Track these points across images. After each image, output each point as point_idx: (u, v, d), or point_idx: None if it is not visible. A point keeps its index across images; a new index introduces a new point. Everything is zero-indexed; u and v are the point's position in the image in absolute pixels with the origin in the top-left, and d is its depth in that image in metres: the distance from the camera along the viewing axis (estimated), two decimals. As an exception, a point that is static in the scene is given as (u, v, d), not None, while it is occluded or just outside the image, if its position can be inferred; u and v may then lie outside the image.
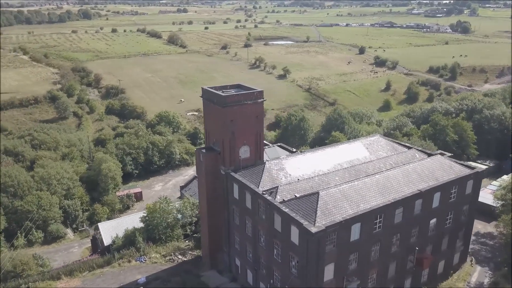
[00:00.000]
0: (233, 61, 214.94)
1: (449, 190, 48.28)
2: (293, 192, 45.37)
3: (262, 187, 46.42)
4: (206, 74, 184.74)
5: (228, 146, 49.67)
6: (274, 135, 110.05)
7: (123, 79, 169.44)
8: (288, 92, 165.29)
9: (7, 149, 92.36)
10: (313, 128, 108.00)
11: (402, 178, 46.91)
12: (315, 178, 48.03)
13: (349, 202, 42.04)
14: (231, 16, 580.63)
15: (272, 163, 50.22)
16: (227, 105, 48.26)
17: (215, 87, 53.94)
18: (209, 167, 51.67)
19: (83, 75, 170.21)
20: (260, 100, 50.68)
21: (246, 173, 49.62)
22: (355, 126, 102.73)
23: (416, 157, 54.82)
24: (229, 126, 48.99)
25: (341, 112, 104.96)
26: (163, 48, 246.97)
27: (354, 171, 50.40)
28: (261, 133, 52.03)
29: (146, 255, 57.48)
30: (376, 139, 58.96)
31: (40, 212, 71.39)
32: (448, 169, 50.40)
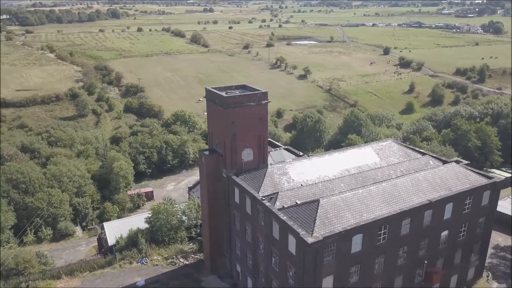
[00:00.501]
0: (254, 61, 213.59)
1: (462, 201, 45.18)
2: (294, 198, 43.39)
3: (262, 192, 44.65)
4: (226, 74, 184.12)
5: (230, 149, 48.10)
6: (289, 136, 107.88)
7: (144, 77, 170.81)
8: (308, 92, 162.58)
9: (24, 145, 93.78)
10: (329, 130, 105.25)
11: (411, 186, 44.17)
12: (319, 184, 45.86)
13: (351, 211, 39.72)
14: (257, 15, 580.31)
15: (275, 167, 48.34)
16: (229, 106, 46.68)
17: (219, 88, 52.45)
18: (211, 169, 50.25)
19: (104, 73, 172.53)
20: (264, 102, 48.84)
21: (248, 177, 47.94)
22: (373, 129, 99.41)
23: (430, 164, 51.79)
24: (231, 128, 47.41)
25: (358, 114, 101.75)
26: (185, 47, 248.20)
27: (361, 177, 47.93)
28: (265, 136, 50.17)
29: (148, 257, 56.65)
30: (388, 144, 56.15)
31: (50, 209, 71.79)
32: (463, 178, 47.22)
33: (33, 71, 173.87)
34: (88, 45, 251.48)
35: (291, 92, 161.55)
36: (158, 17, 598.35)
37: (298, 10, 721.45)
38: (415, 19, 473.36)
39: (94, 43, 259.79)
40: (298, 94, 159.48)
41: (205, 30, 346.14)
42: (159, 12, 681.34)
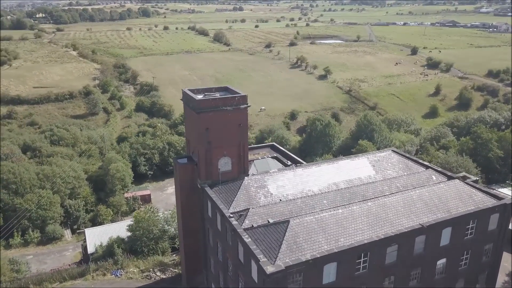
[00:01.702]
0: (274, 60, 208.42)
1: (464, 225, 39.02)
2: (267, 216, 38.57)
3: (234, 208, 40.08)
4: (243, 73, 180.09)
5: (204, 157, 43.79)
6: (298, 140, 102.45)
7: (161, 76, 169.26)
8: (327, 93, 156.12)
9: (26, 143, 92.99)
10: (340, 134, 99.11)
11: (402, 207, 38.45)
12: (298, 200, 40.84)
13: (326, 234, 34.55)
14: (286, 14, 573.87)
15: (252, 179, 43.63)
16: (201, 111, 42.35)
17: (198, 89, 48.22)
18: (185, 179, 46.10)
19: (122, 71, 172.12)
20: (243, 106, 44.21)
21: (223, 189, 43.49)
22: (386, 134, 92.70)
23: (432, 180, 45.66)
24: (205, 134, 43.10)
25: (371, 118, 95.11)
26: (207, 46, 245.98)
27: (348, 193, 42.51)
28: (245, 144, 45.56)
29: (124, 268, 53.20)
30: (386, 155, 50.25)
31: (39, 211, 69.85)
32: (467, 198, 40.97)
33: (53, 69, 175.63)
34: (112, 43, 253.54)
35: (308, 92, 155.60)
36: (188, 15, 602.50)
37: (329, 9, 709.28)
38: (450, 18, 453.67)
39: (118, 41, 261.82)
40: (316, 95, 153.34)
41: (230, 28, 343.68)
42: (189, 10, 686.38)
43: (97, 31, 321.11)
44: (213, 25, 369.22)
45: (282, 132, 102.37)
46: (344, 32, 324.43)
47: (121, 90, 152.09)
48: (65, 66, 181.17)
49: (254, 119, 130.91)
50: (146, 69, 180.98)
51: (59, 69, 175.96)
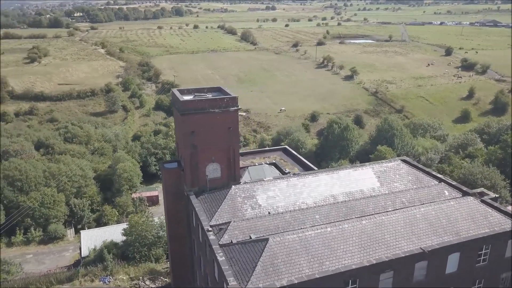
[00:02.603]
0: (300, 59, 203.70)
1: (475, 251, 33.99)
2: (250, 231, 34.96)
3: (216, 220, 36.70)
4: (267, 73, 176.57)
5: (190, 163, 40.65)
6: (314, 144, 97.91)
7: (183, 75, 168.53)
8: (351, 95, 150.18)
9: (40, 140, 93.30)
10: (359, 139, 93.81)
11: (402, 227, 33.88)
12: (287, 214, 36.99)
13: (309, 256, 30.58)
14: (319, 13, 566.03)
15: (240, 188, 40.10)
16: (186, 112, 39.21)
17: (188, 90, 45.10)
18: (171, 185, 43.11)
19: (145, 69, 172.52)
20: (232, 109, 40.78)
21: (209, 198, 40.20)
22: (408, 140, 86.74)
23: (444, 196, 40.64)
24: (190, 138, 39.94)
25: (392, 122, 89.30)
26: (233, 45, 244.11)
27: (346, 208, 38.26)
28: (236, 149, 42.09)
29: (113, 275, 50.95)
30: (395, 165, 45.40)
31: (42, 210, 69.08)
32: (481, 219, 35.82)
33: (80, 66, 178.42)
34: (140, 41, 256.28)
35: (332, 93, 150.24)
36: (220, 14, 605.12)
37: (363, 8, 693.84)
38: (491, 17, 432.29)
39: (147, 39, 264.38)
40: (340, 96, 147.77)
41: (260, 28, 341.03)
42: (222, 10, 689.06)
43: (128, 30, 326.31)
44: (243, 24, 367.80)
45: (298, 135, 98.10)
46: (376, 31, 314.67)
47: (143, 88, 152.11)
48: (92, 64, 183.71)
49: (273, 120, 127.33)
50: (170, 67, 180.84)
51: (86, 67, 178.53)
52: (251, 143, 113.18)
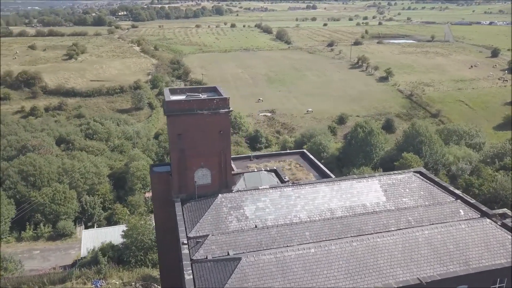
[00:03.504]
0: (334, 59, 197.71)
1: (486, 285, 29.05)
2: (229, 246, 31.73)
3: (196, 231, 33.75)
4: (298, 72, 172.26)
5: (177, 167, 37.94)
6: (337, 148, 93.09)
7: (213, 73, 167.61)
8: (384, 97, 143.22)
9: (61, 136, 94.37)
10: (385, 144, 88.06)
11: (400, 252, 29.51)
12: (273, 229, 33.46)
13: (285, 281, 26.98)
14: (361, 13, 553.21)
15: (227, 197, 36.92)
16: (173, 113, 36.46)
17: (181, 89, 42.36)
18: (160, 190, 40.52)
19: (175, 67, 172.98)
20: (223, 111, 37.49)
21: (194, 207, 37.32)
22: (438, 148, 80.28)
23: (458, 215, 35.63)
24: (177, 141, 37.20)
25: (420, 127, 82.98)
26: (267, 44, 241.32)
27: (341, 225, 34.20)
28: (227, 154, 38.94)
29: (106, 279, 49.34)
30: (406, 177, 40.60)
31: (52, 206, 69.06)
32: (497, 247, 30.73)
33: (114, 63, 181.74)
34: (176, 39, 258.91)
35: (364, 95, 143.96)
36: (260, 14, 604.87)
37: (408, 8, 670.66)
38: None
39: (182, 38, 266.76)
40: (372, 98, 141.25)
41: (297, 27, 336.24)
42: (262, 9, 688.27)
43: (167, 28, 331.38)
44: (282, 23, 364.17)
45: (320, 138, 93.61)
46: (419, 31, 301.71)
47: (171, 86, 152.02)
48: (125, 61, 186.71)
49: (298, 122, 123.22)
50: (201, 65, 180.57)
51: (119, 64, 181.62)
52: (273, 144, 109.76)
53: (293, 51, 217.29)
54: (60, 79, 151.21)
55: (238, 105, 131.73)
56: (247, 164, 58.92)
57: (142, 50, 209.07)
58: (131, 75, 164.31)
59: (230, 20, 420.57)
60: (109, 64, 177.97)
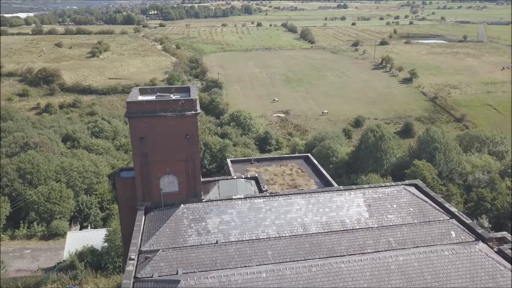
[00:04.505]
0: (358, 59, 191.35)
1: (468, 325, 24.74)
2: (180, 264, 28.67)
3: (150, 245, 30.84)
4: (318, 73, 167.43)
5: (140, 174, 35.25)
6: (347, 153, 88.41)
7: (231, 72, 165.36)
8: (406, 99, 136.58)
9: (68, 133, 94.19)
10: (397, 150, 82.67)
11: (367, 280, 25.61)
12: (232, 246, 30.15)
13: (226, 311, 23.71)
14: (394, 12, 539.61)
15: (190, 208, 33.85)
16: (133, 115, 33.79)
17: (152, 88, 39.63)
18: (126, 197, 37.98)
19: (193, 66, 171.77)
20: (189, 113, 34.45)
21: (156, 216, 34.50)
22: (453, 156, 74.40)
23: (449, 237, 31.25)
24: (139, 145, 34.49)
25: (434, 133, 77.20)
26: (289, 43, 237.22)
27: (310, 244, 30.51)
28: (196, 160, 35.89)
29: (82, 285, 47.40)
30: (395, 191, 36.29)
31: (46, 205, 68.24)
32: (485, 279, 26.28)
33: (134, 61, 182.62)
34: (199, 38, 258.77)
35: (385, 97, 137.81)
36: (289, 13, 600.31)
37: (444, 7, 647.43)
38: None
39: (206, 36, 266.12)
40: (393, 101, 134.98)
41: (324, 26, 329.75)
42: (292, 8, 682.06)
43: (193, 27, 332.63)
44: (310, 22, 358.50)
45: (329, 142, 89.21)
46: (452, 31, 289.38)
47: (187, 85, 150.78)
48: (145, 59, 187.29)
49: (312, 123, 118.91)
50: (219, 64, 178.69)
51: (139, 62, 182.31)
52: (284, 147, 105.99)
53: (315, 51, 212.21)
54: (79, 77, 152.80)
55: (251, 105, 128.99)
56: (247, 168, 55.99)
57: (164, 49, 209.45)
58: (149, 73, 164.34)
59: (259, 20, 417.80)
60: (129, 62, 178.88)
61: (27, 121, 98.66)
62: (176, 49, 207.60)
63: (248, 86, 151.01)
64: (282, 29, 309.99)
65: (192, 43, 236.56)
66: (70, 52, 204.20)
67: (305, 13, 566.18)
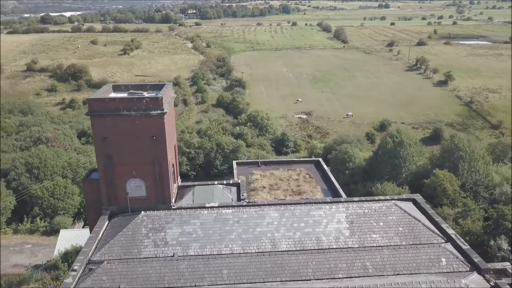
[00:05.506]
0: (391, 60, 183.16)
1: None
2: (124, 279, 26.21)
3: (102, 254, 28.51)
4: (346, 73, 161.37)
5: (104, 176, 32.99)
6: (365, 158, 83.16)
7: (258, 71, 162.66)
8: (439, 103, 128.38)
9: (83, 129, 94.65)
10: (418, 158, 76.56)
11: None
12: (184, 261, 27.28)
13: None
14: (438, 12, 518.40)
15: (150, 216, 31.24)
16: (95, 113, 31.53)
17: (126, 85, 37.16)
18: (93, 200, 35.88)
19: (220, 64, 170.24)
20: (155, 112, 31.78)
21: (118, 223, 32.17)
22: (480, 167, 67.79)
23: (438, 265, 26.90)
24: (102, 146, 32.22)
25: (460, 141, 70.63)
26: (321, 43, 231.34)
27: (272, 264, 27.14)
28: (164, 163, 33.19)
29: (63, 286, 45.86)
30: (384, 208, 32.03)
31: (50, 200, 68.07)
32: (468, 323, 21.82)
33: (162, 59, 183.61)
34: (231, 37, 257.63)
35: (415, 100, 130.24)
36: (327, 12, 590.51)
37: (493, 6, 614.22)
38: None
39: (237, 35, 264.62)
40: (424, 104, 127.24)
41: (361, 26, 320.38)
42: (331, 7, 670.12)
43: (228, 26, 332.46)
44: (348, 22, 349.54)
45: (346, 146, 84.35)
46: (498, 32, 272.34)
47: (212, 84, 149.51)
48: (174, 57, 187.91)
49: (335, 126, 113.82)
50: (247, 63, 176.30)
51: (167, 60, 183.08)
52: (302, 150, 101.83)
53: (347, 51, 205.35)
54: (107, 73, 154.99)
55: (274, 105, 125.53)
56: (252, 170, 53.05)
57: (193, 47, 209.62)
58: (176, 71, 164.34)
59: (296, 19, 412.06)
60: (157, 60, 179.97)
61: (46, 116, 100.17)
62: (205, 48, 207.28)
63: (273, 86, 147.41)
64: (317, 28, 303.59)
65: (223, 41, 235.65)
66: (104, 49, 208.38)
67: (344, 13, 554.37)
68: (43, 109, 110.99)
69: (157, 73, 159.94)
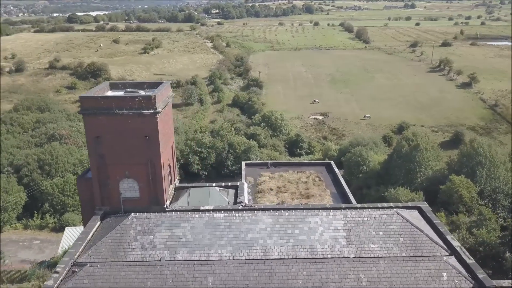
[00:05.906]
0: (413, 61, 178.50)
1: None
2: (106, 283, 25.37)
3: (88, 256, 27.81)
4: (367, 74, 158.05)
5: (97, 176, 32.35)
6: (379, 162, 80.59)
7: (276, 71, 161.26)
8: (462, 106, 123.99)
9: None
10: (434, 163, 73.56)
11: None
12: (169, 267, 26.26)
13: None
14: (467, 12, 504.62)
15: (140, 218, 30.34)
16: (87, 112, 30.89)
17: (124, 83, 36.35)
18: (88, 199, 35.37)
19: (238, 64, 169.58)
20: (148, 112, 30.89)
21: (109, 224, 31.46)
22: (500, 173, 64.51)
23: (439, 280, 25.04)
24: (95, 145, 31.58)
25: (479, 146, 67.36)
26: (343, 43, 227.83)
27: (260, 273, 25.84)
28: (157, 163, 32.28)
29: (63, 285, 45.74)
30: (384, 216, 30.22)
31: (60, 197, 68.63)
32: None
33: (181, 58, 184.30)
34: (251, 36, 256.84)
35: (437, 103, 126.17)
36: (351, 12, 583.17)
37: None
38: None
39: (258, 35, 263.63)
40: (446, 107, 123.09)
41: (385, 26, 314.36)
42: (355, 7, 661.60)
43: (250, 26, 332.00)
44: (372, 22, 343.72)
45: (361, 149, 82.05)
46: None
47: (229, 83, 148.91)
48: (193, 56, 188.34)
49: (351, 128, 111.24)
50: (265, 63, 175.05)
51: (186, 59, 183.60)
52: (316, 151, 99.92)
53: (368, 51, 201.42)
54: (126, 72, 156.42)
55: (290, 106, 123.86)
56: (261, 172, 51.88)
57: (213, 46, 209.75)
58: (194, 70, 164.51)
59: (319, 19, 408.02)
60: (176, 59, 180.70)
61: (62, 113, 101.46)
62: (225, 47, 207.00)
63: (291, 86, 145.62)
64: (339, 28, 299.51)
65: (243, 41, 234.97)
66: (125, 48, 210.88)
67: (368, 13, 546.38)
68: (60, 106, 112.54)
69: (176, 72, 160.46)
